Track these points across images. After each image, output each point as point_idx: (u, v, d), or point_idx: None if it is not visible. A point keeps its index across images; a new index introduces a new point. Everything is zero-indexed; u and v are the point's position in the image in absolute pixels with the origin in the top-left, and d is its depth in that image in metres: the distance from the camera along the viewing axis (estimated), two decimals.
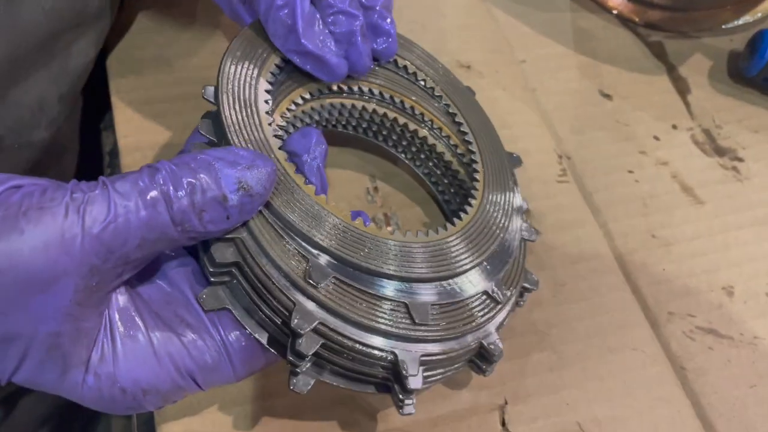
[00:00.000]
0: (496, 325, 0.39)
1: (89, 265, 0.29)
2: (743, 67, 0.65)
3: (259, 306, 0.35)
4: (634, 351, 0.49)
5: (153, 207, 0.30)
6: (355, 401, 0.43)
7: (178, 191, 0.30)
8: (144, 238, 0.30)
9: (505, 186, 0.45)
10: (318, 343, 0.34)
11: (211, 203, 0.31)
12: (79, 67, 0.49)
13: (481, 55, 0.63)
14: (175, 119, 0.53)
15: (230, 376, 0.35)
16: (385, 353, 0.35)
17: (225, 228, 0.32)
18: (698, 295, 0.52)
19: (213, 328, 0.34)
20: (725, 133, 0.63)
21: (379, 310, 0.35)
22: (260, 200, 0.33)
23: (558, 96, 0.62)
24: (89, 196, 0.29)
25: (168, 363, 0.33)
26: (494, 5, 0.68)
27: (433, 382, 0.39)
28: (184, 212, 0.30)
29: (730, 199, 0.58)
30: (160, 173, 0.30)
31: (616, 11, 0.69)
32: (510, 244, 0.42)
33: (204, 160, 0.31)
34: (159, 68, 0.56)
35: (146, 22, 0.59)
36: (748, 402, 0.48)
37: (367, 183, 0.53)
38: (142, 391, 0.32)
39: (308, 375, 0.35)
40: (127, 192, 0.29)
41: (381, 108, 0.49)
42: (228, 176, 0.31)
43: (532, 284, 0.44)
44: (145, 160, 0.51)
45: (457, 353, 0.37)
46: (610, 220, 0.55)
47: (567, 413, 0.45)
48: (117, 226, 0.29)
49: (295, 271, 0.34)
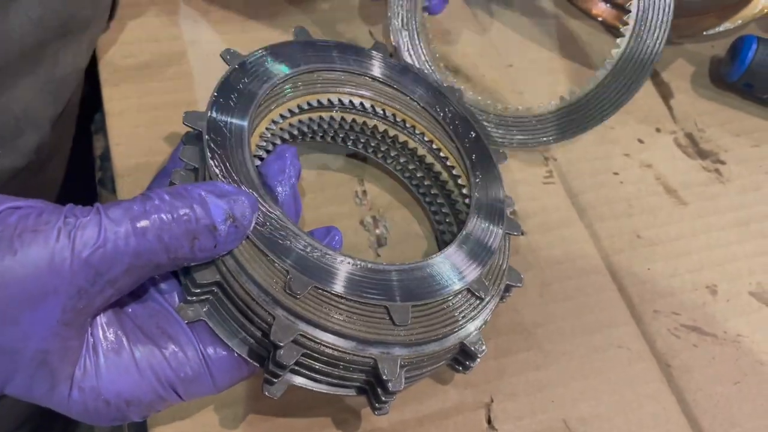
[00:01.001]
0: (479, 324, 0.39)
1: (77, 287, 0.30)
2: (724, 72, 0.67)
3: (238, 321, 0.35)
4: (619, 349, 0.49)
5: (143, 234, 0.31)
6: (343, 401, 0.43)
7: (173, 219, 0.31)
8: (132, 264, 0.31)
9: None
10: (298, 353, 0.34)
11: (204, 231, 0.32)
12: (66, 75, 0.50)
13: (468, 59, 0.64)
14: (168, 126, 0.53)
15: (210, 388, 0.35)
16: (365, 358, 0.35)
17: (211, 256, 0.34)
18: (682, 293, 0.53)
19: (194, 340, 0.35)
20: (707, 136, 0.64)
21: (359, 315, 0.35)
22: (244, 231, 0.34)
23: (544, 99, 0.63)
24: (81, 221, 0.30)
25: (149, 375, 0.33)
26: (481, 10, 0.69)
27: (414, 382, 0.39)
28: (177, 239, 0.32)
29: (713, 200, 0.59)
30: (152, 201, 0.32)
31: (600, 18, 0.70)
32: (490, 241, 0.42)
33: (195, 192, 0.33)
34: (151, 75, 0.57)
35: (138, 30, 0.59)
36: (732, 399, 0.49)
37: (356, 186, 0.54)
38: (126, 402, 0.33)
39: (283, 382, 0.36)
40: (118, 218, 0.31)
41: (366, 119, 0.50)
42: (217, 207, 0.33)
43: (516, 281, 0.44)
44: (137, 167, 0.51)
45: (439, 354, 0.38)
46: (595, 220, 0.56)
47: (553, 411, 0.46)
48: (106, 251, 0.30)
49: (274, 286, 0.34)
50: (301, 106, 0.47)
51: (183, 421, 0.41)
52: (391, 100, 0.49)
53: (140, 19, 0.60)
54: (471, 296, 0.39)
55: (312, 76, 0.47)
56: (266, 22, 0.62)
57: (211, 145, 0.38)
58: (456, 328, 0.38)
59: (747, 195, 0.60)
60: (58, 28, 0.46)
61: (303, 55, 0.46)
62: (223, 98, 0.41)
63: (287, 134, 0.48)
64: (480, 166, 0.47)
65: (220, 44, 0.59)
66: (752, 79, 0.64)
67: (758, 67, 0.64)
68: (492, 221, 0.44)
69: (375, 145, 0.52)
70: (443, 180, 0.49)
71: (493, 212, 0.44)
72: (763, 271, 0.56)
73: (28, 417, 0.62)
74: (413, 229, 0.52)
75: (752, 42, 0.64)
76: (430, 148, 0.49)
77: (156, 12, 0.60)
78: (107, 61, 0.57)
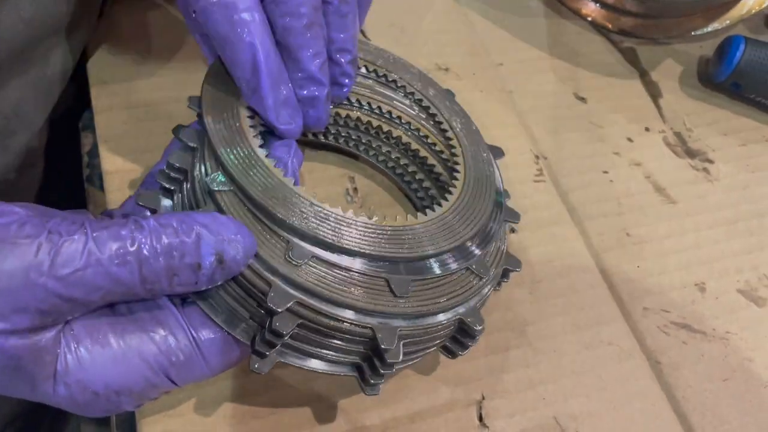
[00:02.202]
0: (477, 302, 0.39)
1: (49, 304, 0.29)
2: (712, 72, 0.67)
3: (232, 295, 0.35)
4: (609, 346, 0.50)
5: (125, 265, 0.30)
6: (333, 398, 0.43)
7: (157, 253, 0.31)
8: (108, 291, 0.30)
9: (485, 177, 0.45)
10: (294, 323, 0.34)
11: (185, 269, 0.31)
12: (56, 74, 0.49)
13: (459, 58, 0.64)
14: (156, 123, 0.53)
15: (204, 371, 0.35)
16: (364, 329, 0.35)
17: (190, 291, 0.33)
18: (672, 291, 0.53)
19: (184, 323, 0.34)
20: (696, 135, 0.64)
21: (358, 285, 0.35)
22: (231, 273, 0.33)
23: (534, 98, 0.63)
24: (65, 240, 0.29)
25: (138, 362, 0.32)
26: (471, 10, 0.69)
27: (411, 361, 0.39)
28: (156, 274, 0.31)
29: (701, 199, 0.60)
30: (143, 231, 0.31)
31: (590, 18, 0.71)
32: (491, 227, 0.43)
33: (188, 225, 0.32)
34: (139, 73, 0.56)
35: (126, 28, 0.59)
36: (720, 395, 0.49)
37: (347, 184, 0.54)
38: (115, 392, 0.32)
39: (272, 357, 0.35)
40: (104, 243, 0.30)
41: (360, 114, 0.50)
42: (208, 245, 0.32)
43: (515, 266, 0.44)
44: (125, 164, 0.51)
45: (437, 329, 0.38)
46: (585, 218, 0.56)
47: (543, 408, 0.46)
48: (85, 275, 0.29)
49: (272, 254, 0.34)
50: None
51: (171, 418, 0.41)
52: (385, 97, 0.49)
53: (129, 17, 0.59)
54: (471, 275, 0.40)
55: None
56: None
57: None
58: (455, 304, 0.38)
59: (735, 193, 0.61)
60: (50, 28, 0.46)
61: None
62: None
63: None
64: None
65: None
66: (740, 79, 0.65)
67: (746, 67, 0.64)
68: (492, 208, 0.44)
69: (367, 142, 0.52)
70: (437, 172, 0.49)
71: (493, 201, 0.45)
72: (751, 269, 0.56)
73: (17, 415, 0.62)
74: None
75: (740, 42, 0.65)
76: (425, 142, 0.50)
77: (144, 9, 0.60)
78: (95, 58, 0.56)
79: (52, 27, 0.46)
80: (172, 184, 0.39)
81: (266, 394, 0.43)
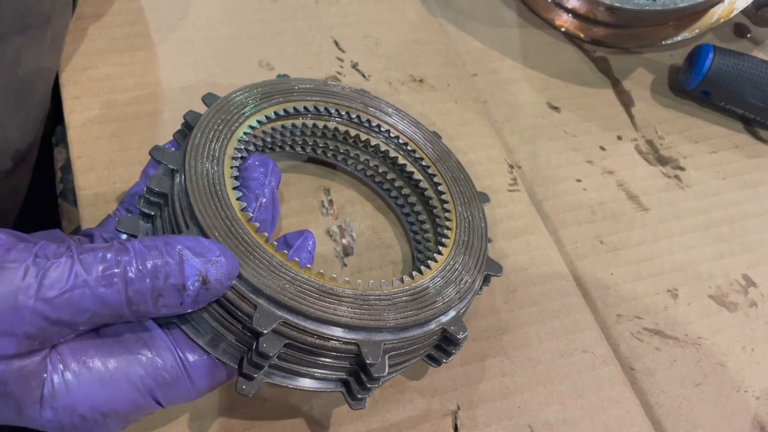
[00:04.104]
0: (460, 308, 0.40)
1: (37, 327, 0.29)
2: (683, 80, 0.68)
3: (217, 318, 0.35)
4: (584, 353, 0.50)
5: (111, 286, 0.30)
6: (311, 411, 0.43)
7: (142, 274, 0.31)
8: (96, 313, 0.30)
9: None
10: (281, 343, 0.34)
11: (170, 290, 0.32)
12: (29, 74, 0.48)
13: (434, 69, 0.64)
14: (130, 138, 0.53)
15: (190, 392, 0.35)
16: (348, 345, 0.35)
17: (175, 313, 0.33)
18: (645, 297, 0.54)
19: (171, 344, 0.34)
20: (667, 143, 0.65)
21: (341, 304, 0.36)
22: (215, 294, 0.33)
23: (508, 108, 0.64)
24: (52, 263, 0.29)
25: (125, 384, 0.32)
26: (446, 21, 0.70)
27: (397, 371, 0.40)
28: (142, 295, 0.31)
29: (673, 206, 0.61)
30: (128, 254, 0.31)
31: (563, 28, 0.72)
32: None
33: (172, 247, 0.32)
34: (113, 87, 0.56)
35: (99, 41, 0.58)
36: (693, 400, 0.49)
37: (322, 196, 0.54)
38: (102, 414, 0.32)
39: (258, 379, 0.35)
40: (90, 266, 0.30)
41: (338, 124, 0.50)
42: (192, 267, 0.32)
43: (497, 270, 0.45)
44: (99, 180, 0.50)
45: (421, 340, 0.38)
46: (559, 227, 0.57)
47: (519, 417, 0.46)
48: (72, 297, 0.29)
49: (256, 275, 0.34)
50: (277, 112, 0.47)
51: None
52: (364, 106, 0.50)
53: (103, 31, 0.59)
54: (452, 283, 0.40)
55: (289, 85, 0.48)
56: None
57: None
58: (437, 313, 0.38)
59: (706, 200, 0.62)
60: (16, 22, 0.45)
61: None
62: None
63: (260, 141, 0.48)
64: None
65: (183, 56, 0.59)
66: (709, 87, 0.66)
67: (715, 75, 0.65)
68: (471, 211, 0.46)
69: (345, 152, 0.52)
70: (416, 179, 0.50)
71: (471, 203, 0.47)
72: (722, 275, 0.57)
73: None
74: (380, 237, 0.52)
75: (709, 51, 0.66)
76: (405, 150, 0.50)
77: (119, 23, 0.60)
78: (69, 72, 0.56)
79: (20, 21, 0.45)
80: (151, 209, 0.38)
81: (243, 409, 0.43)
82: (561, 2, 0.71)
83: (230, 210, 0.37)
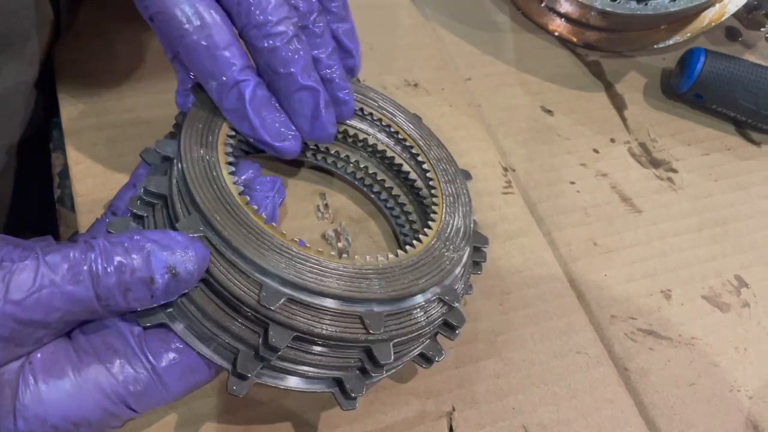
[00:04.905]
0: (454, 276, 0.41)
1: (9, 329, 0.30)
2: (675, 83, 0.69)
3: (220, 312, 0.35)
4: (578, 354, 0.50)
5: (78, 283, 0.31)
6: (305, 415, 0.43)
7: (108, 270, 0.31)
8: (67, 311, 0.31)
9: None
10: (290, 336, 0.34)
11: (138, 284, 0.32)
12: (8, 88, 0.49)
13: (428, 73, 0.65)
14: (127, 144, 0.53)
15: (165, 397, 0.35)
16: (352, 318, 0.36)
17: (149, 306, 0.33)
18: (638, 299, 0.55)
19: (141, 351, 0.34)
20: (660, 146, 0.66)
21: (341, 279, 0.37)
22: (186, 284, 0.34)
23: (502, 112, 0.64)
24: (18, 266, 0.30)
25: (95, 392, 0.32)
26: (440, 26, 0.70)
27: (401, 359, 0.40)
28: (110, 290, 0.31)
29: (666, 208, 0.61)
30: (93, 251, 0.31)
31: (556, 32, 0.72)
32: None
33: (138, 242, 0.32)
34: (110, 94, 0.56)
35: (97, 48, 0.59)
36: (687, 400, 0.50)
37: (318, 200, 0.54)
38: (74, 425, 0.32)
39: (249, 380, 0.35)
40: (56, 265, 0.30)
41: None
42: (159, 260, 0.32)
43: (483, 242, 0.46)
44: (96, 186, 0.51)
45: (419, 317, 0.39)
46: (553, 229, 0.57)
47: (513, 418, 0.46)
48: (40, 297, 0.30)
49: (258, 253, 0.35)
50: None
51: None
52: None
53: (99, 38, 0.59)
54: (442, 256, 0.42)
55: None
56: None
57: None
58: (433, 283, 0.40)
59: (698, 202, 0.62)
60: (1, 41, 0.46)
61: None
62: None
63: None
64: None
65: None
66: (701, 90, 0.67)
67: (707, 78, 0.66)
68: (456, 187, 0.47)
69: (335, 153, 0.52)
70: (405, 171, 0.51)
71: (455, 180, 0.48)
72: (715, 276, 0.58)
73: None
74: (376, 241, 0.53)
75: (701, 54, 0.67)
76: (397, 139, 0.51)
77: (116, 30, 0.60)
78: (65, 79, 0.56)
79: (1, 41, 0.46)
80: (145, 210, 0.39)
81: (239, 413, 0.43)
82: (554, 7, 0.72)
83: (229, 195, 0.37)
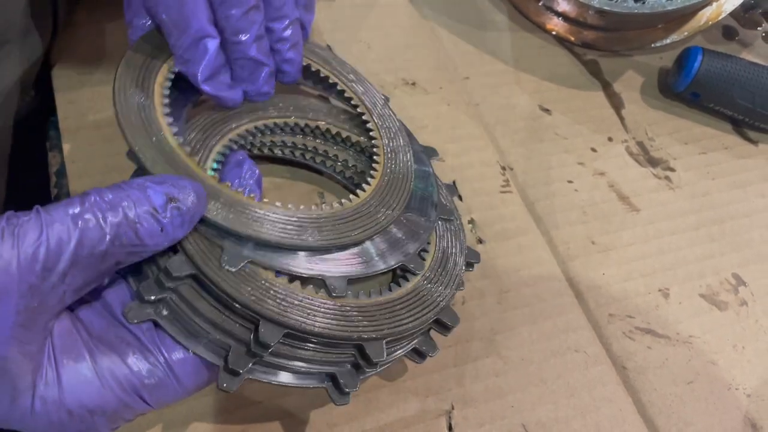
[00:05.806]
0: (419, 245, 0.42)
1: (28, 283, 0.30)
2: (672, 82, 0.69)
3: (213, 311, 0.35)
4: (576, 353, 0.50)
5: (84, 226, 0.31)
6: (303, 413, 0.43)
7: (111, 209, 0.32)
8: (77, 254, 0.31)
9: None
10: (280, 333, 0.34)
11: (145, 216, 0.32)
12: (5, 87, 0.49)
13: (426, 72, 0.65)
14: (123, 143, 0.52)
15: (178, 392, 0.35)
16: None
17: (160, 242, 0.34)
18: (636, 297, 0.55)
19: (156, 345, 0.35)
20: (657, 144, 0.66)
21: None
22: (191, 216, 0.34)
23: (500, 111, 0.64)
24: (22, 220, 0.30)
25: (111, 383, 0.33)
26: (438, 25, 0.70)
27: (396, 353, 0.40)
28: (119, 226, 0.32)
29: (664, 206, 0.61)
30: (89, 197, 0.32)
31: (553, 32, 0.72)
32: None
33: (130, 183, 0.33)
34: (106, 92, 0.56)
35: (94, 47, 0.59)
36: (685, 398, 0.50)
37: (316, 199, 0.54)
38: (89, 412, 0.33)
39: (241, 376, 0.35)
40: (59, 215, 0.31)
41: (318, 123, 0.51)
42: (157, 192, 0.33)
43: (449, 214, 0.47)
44: (93, 185, 0.49)
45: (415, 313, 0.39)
46: (551, 228, 0.57)
47: (512, 416, 0.46)
48: (50, 245, 0.30)
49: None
50: (258, 127, 0.47)
51: None
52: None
53: (96, 37, 0.59)
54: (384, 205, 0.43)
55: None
56: None
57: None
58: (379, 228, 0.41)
59: (696, 201, 0.63)
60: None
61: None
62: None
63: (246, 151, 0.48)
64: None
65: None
66: (698, 89, 0.67)
67: (704, 77, 0.66)
68: (396, 146, 0.48)
69: (323, 152, 0.52)
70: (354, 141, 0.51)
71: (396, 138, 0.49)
72: (712, 274, 0.58)
73: None
74: None
75: (698, 53, 0.67)
76: (344, 98, 0.51)
77: (112, 29, 0.60)
78: (62, 78, 0.56)
79: (1, 38, 0.46)
80: None
81: (236, 412, 0.43)
82: (551, 6, 0.72)
83: (168, 145, 0.38)
